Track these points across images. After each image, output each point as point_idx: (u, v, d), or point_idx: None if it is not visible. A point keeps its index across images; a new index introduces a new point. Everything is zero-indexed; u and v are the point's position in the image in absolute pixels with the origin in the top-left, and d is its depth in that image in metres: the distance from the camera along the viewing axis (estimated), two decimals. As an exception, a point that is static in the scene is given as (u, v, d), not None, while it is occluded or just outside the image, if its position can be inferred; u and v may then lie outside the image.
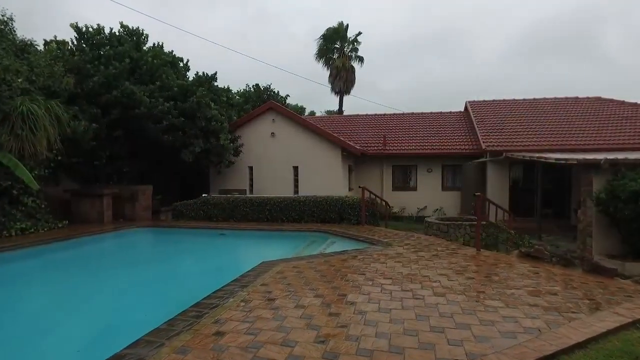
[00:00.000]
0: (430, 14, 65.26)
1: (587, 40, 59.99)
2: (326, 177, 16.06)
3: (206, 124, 14.47)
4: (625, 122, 16.44)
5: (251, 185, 17.46)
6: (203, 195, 13.07)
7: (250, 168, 17.41)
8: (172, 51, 15.78)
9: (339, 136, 16.82)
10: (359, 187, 11.23)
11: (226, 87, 16.91)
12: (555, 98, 19.31)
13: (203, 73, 15.80)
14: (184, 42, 62.79)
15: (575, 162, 9.51)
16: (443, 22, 66.27)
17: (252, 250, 9.68)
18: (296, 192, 16.67)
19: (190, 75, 15.74)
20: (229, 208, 12.49)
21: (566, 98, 19.19)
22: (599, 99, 18.78)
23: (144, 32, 15.15)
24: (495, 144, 15.80)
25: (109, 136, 13.07)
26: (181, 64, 15.49)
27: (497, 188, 15.81)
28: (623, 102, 18.10)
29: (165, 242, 10.86)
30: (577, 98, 19.11)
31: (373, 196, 11.66)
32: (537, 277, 5.78)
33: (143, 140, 14.17)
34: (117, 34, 14.00)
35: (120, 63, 12.70)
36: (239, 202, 12.41)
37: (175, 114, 13.69)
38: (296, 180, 16.71)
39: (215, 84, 16.30)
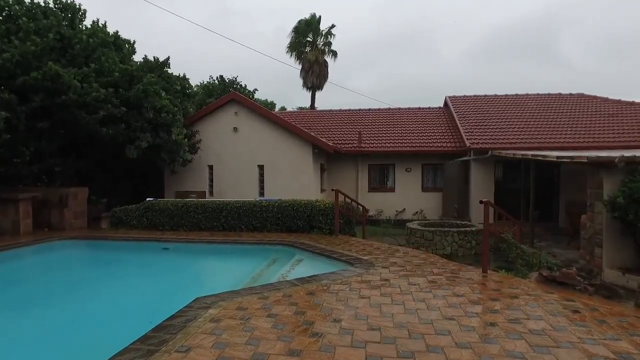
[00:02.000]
0: (391, 16, 64.40)
1: (547, 44, 60.46)
2: (296, 177, 14.09)
3: (155, 115, 12.19)
4: (612, 120, 15.29)
5: (211, 187, 15.29)
6: (147, 199, 10.82)
7: (210, 167, 15.22)
8: (117, 31, 13.38)
9: (310, 132, 14.87)
10: (332, 189, 9.31)
11: (182, 75, 14.64)
12: (538, 94, 18.05)
13: (154, 58, 13.49)
14: (149, 36, 59.20)
15: (585, 160, 7.96)
16: (406, 24, 65.52)
17: (194, 275, 7.47)
18: (262, 194, 14.63)
19: (139, 59, 13.35)
20: (178, 215, 10.30)
21: (549, 94, 17.97)
22: (582, 95, 17.65)
23: (82, 8, 12.69)
24: (480, 141, 14.26)
25: (32, 128, 10.60)
26: (127, 47, 13.08)
27: (481, 189, 14.26)
28: (606, 99, 17.02)
29: (84, 263, 8.44)
30: (560, 94, 17.91)
31: (348, 200, 9.74)
32: (582, 321, 4.01)
33: (78, 134, 11.75)
34: (44, 4, 11.50)
35: (42, 39, 10.25)
36: (189, 208, 10.25)
37: (116, 103, 11.35)
38: (262, 181, 14.65)
39: (169, 71, 14.02)
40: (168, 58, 13.69)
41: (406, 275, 5.70)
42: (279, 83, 53.63)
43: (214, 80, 22.56)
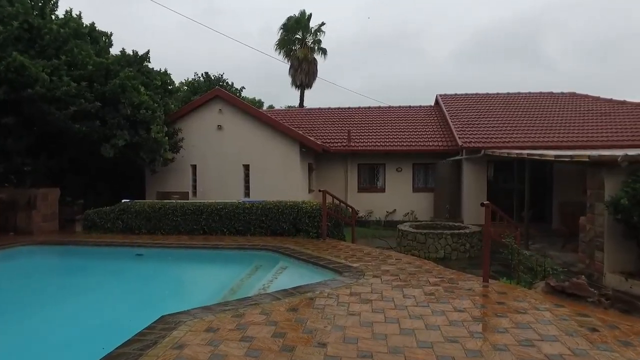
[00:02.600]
0: (380, 17, 64.18)
1: (531, 46, 60.73)
2: (282, 177, 13.45)
3: (133, 112, 11.45)
4: (604, 119, 14.97)
5: (195, 187, 14.57)
6: (123, 200, 10.08)
7: (194, 167, 14.50)
8: (93, 23, 12.57)
9: (298, 131, 14.25)
10: (319, 190, 8.72)
11: (163, 70, 13.88)
12: (530, 93, 17.70)
13: (133, 51, 12.72)
14: (131, 33, 57.88)
15: (587, 159, 7.50)
16: (393, 25, 65.32)
17: (167, 285, 6.69)
18: (247, 195, 13.96)
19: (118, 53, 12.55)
20: (155, 217, 9.58)
21: (541, 93, 17.62)
22: (573, 94, 17.34)
23: (53, -4, 11.85)
24: (472, 140, 13.80)
25: (-5, 124, 9.78)
26: (104, 39, 12.27)
27: (473, 189, 13.82)
28: (598, 98, 16.73)
29: (45, 272, 7.50)
30: (551, 93, 17.58)
31: (337, 201, 9.14)
32: (603, 342, 3.47)
33: (48, 131, 10.94)
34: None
35: (6, 27, 9.44)
36: (167, 210, 9.54)
37: (90, 98, 10.59)
38: (247, 181, 13.99)
39: (150, 65, 13.26)
40: (148, 52, 12.93)
41: (400, 286, 5.11)
42: (267, 82, 52.85)
43: (199, 77, 21.77)
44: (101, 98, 11.04)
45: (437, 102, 18.37)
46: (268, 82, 51.67)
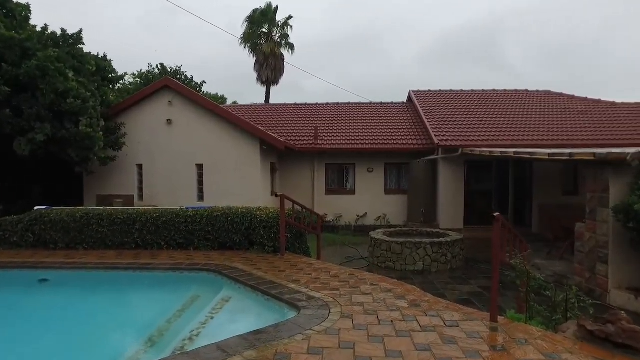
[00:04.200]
0: (346, 17, 63.31)
1: (491, 49, 61.45)
2: (241, 178, 11.71)
3: (57, 100, 9.42)
4: (582, 117, 14.16)
5: (141, 190, 12.58)
6: (36, 208, 8.04)
7: (140, 167, 12.51)
8: (10, -6, 10.34)
9: (260, 127, 12.56)
10: (276, 195, 7.10)
11: (102, 55, 11.79)
12: (505, 90, 16.78)
13: (61, 30, 10.64)
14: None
15: (593, 157, 6.27)
16: (360, 25, 64.58)
17: (63, 331, 4.56)
18: (201, 198, 12.13)
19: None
20: (76, 228, 7.62)
21: (516, 91, 16.76)
22: (548, 92, 16.56)
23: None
24: (449, 139, 12.56)
25: None
26: (21, 10, 10.08)
27: (450, 191, 12.59)
28: (573, 97, 16.01)
29: None
30: (527, 91, 16.73)
31: (299, 207, 7.51)
32: None
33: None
34: None
35: None
36: (91, 220, 7.60)
37: (-4, 82, 8.52)
38: (201, 183, 12.15)
39: (84, 48, 11.16)
40: (80, 31, 10.87)
41: (380, 335, 3.55)
42: (234, 80, 50.45)
43: (154, 68, 19.54)
44: (13, 82, 8.96)
45: (410, 98, 17.13)
46: (234, 80, 49.34)
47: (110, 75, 12.10)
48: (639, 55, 58.51)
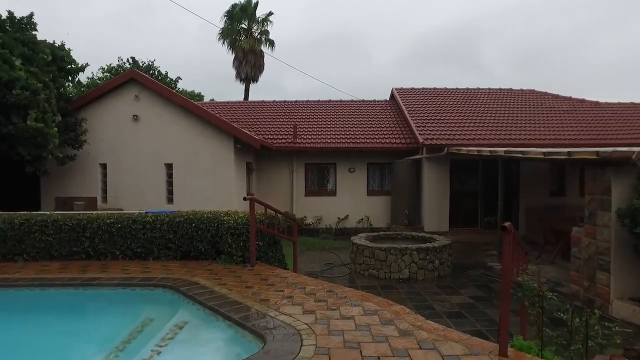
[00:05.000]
0: (324, 18, 62.75)
1: (468, 51, 61.72)
2: (213, 179, 10.78)
3: (1, 91, 8.32)
4: (567, 116, 13.78)
5: (105, 191, 11.49)
6: (-30, 213, 6.95)
7: (103, 166, 11.42)
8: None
9: (236, 125, 11.65)
10: (244, 198, 6.25)
11: (60, 44, 10.65)
12: (490, 89, 16.30)
13: (9, 13, 9.49)
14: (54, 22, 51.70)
15: (596, 155, 5.67)
16: (337, 26, 64.05)
17: None
18: (170, 200, 11.14)
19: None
20: (15, 237, 6.58)
21: (501, 89, 16.30)
22: (532, 91, 16.17)
23: None
24: (434, 137, 11.93)
25: None
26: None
27: (435, 192, 11.97)
28: (558, 96, 15.66)
29: None
30: (511, 90, 16.30)
31: (272, 211, 6.65)
32: None
33: None
34: None
35: None
36: (33, 226, 6.58)
37: None
38: (170, 184, 11.15)
39: (37, 35, 10.03)
40: (32, 15, 9.76)
41: (363, 377, 2.76)
42: (213, 79, 48.92)
43: (124, 62, 18.30)
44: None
45: (392, 96, 16.47)
46: (215, 79, 47.83)
47: (69, 67, 10.94)
48: (611, 61, 59.75)
